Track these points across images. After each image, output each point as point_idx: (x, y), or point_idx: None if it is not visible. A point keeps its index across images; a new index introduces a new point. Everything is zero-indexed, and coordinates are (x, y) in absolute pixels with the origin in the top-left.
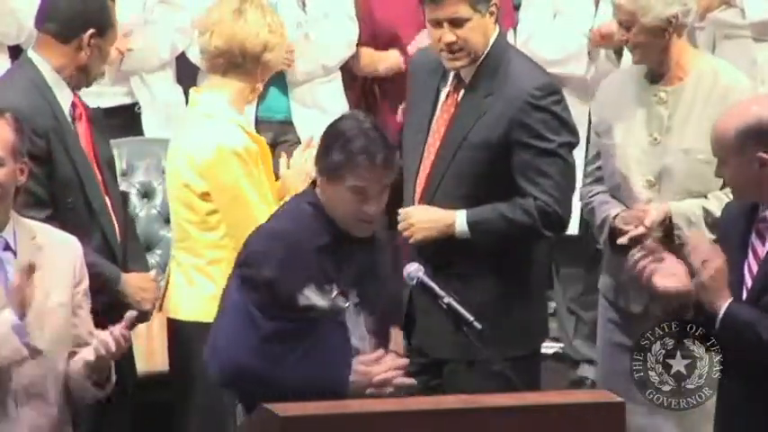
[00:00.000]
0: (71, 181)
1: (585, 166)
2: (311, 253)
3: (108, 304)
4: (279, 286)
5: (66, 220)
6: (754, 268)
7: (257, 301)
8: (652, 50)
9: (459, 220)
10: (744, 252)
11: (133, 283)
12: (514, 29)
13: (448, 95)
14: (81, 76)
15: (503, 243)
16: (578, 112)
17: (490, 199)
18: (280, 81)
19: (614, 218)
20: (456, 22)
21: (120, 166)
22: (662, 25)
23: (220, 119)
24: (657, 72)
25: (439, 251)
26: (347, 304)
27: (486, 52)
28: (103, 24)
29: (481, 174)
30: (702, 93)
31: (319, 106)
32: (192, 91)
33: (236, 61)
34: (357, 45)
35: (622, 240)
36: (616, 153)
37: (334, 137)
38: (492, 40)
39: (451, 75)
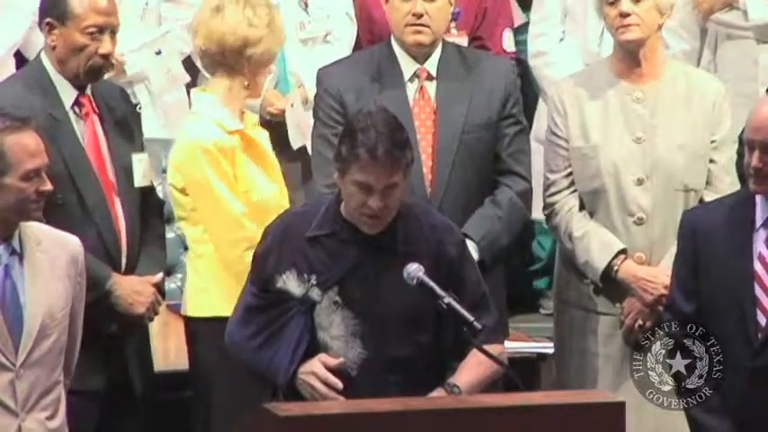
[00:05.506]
0: (61, 177)
1: (549, 174)
2: (303, 240)
3: (98, 304)
4: (263, 263)
5: (58, 216)
6: None
7: (251, 274)
8: (648, 30)
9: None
10: (743, 252)
11: (126, 285)
12: (512, 29)
13: (420, 89)
14: (67, 72)
15: (509, 247)
16: None
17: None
18: (282, 80)
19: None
20: None
21: None
22: (667, 7)
23: (203, 116)
24: (633, 65)
25: None
26: (320, 298)
27: (441, 42)
28: (58, 12)
29: (490, 150)
30: (681, 92)
31: None
32: (192, 91)
33: (218, 59)
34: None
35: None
36: (599, 155)
37: (345, 129)
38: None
39: (405, 70)
